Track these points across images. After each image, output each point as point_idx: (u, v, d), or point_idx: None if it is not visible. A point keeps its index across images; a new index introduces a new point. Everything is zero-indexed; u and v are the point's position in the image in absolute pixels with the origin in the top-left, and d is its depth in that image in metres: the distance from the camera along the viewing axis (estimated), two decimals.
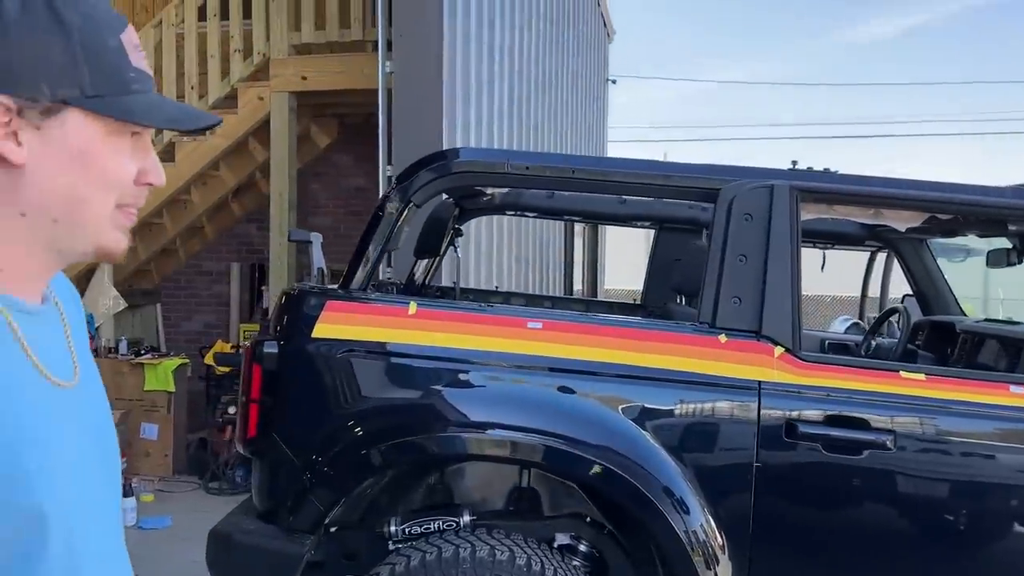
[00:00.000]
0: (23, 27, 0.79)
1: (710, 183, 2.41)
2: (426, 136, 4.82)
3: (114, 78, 0.82)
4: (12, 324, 0.81)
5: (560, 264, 8.48)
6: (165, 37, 6.43)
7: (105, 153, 0.83)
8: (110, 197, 0.84)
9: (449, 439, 2.31)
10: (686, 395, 2.30)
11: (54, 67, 0.80)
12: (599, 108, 11.64)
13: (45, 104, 0.80)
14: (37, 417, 0.80)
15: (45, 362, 0.84)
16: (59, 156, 0.81)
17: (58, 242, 0.84)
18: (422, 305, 2.40)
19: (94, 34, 0.82)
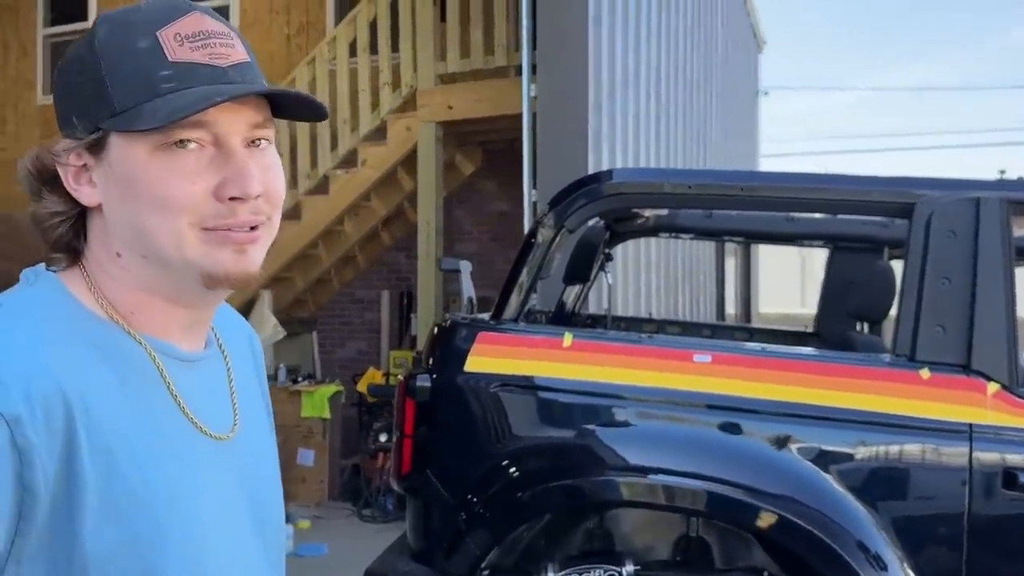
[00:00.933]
0: (68, 64, 0.77)
1: (904, 197, 2.14)
2: (572, 159, 4.70)
3: (140, 84, 0.71)
4: (162, 371, 0.76)
5: (711, 287, 8.12)
6: (319, 74, 6.66)
7: (151, 174, 0.72)
8: (176, 222, 0.73)
9: (606, 484, 2.14)
10: (880, 438, 2.02)
11: (85, 96, 0.74)
12: (750, 121, 11.18)
13: (87, 139, 0.74)
14: (183, 472, 0.75)
15: (198, 412, 0.79)
16: (116, 188, 0.74)
17: (163, 278, 0.76)
18: (578, 337, 2.25)
19: (119, 41, 0.73)
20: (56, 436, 0.67)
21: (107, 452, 0.70)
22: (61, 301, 0.76)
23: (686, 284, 7.32)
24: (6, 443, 0.65)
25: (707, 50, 8.32)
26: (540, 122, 4.91)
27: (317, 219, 6.70)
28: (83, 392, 0.70)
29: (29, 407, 0.66)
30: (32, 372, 0.68)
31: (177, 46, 0.72)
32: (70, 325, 0.74)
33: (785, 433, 2.10)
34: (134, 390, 0.74)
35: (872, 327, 3.19)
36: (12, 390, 0.66)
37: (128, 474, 0.70)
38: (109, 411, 0.71)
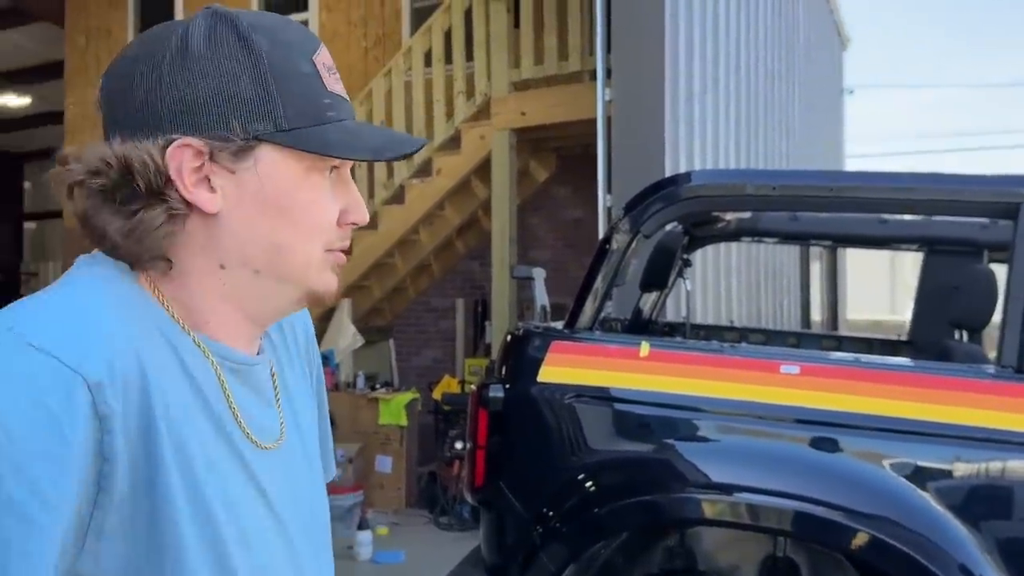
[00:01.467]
0: (212, 61, 0.71)
1: (1008, 196, 1.98)
2: (648, 163, 4.60)
3: (309, 107, 0.72)
4: (220, 376, 0.75)
5: (795, 293, 7.85)
6: (394, 85, 6.73)
7: (304, 193, 0.73)
8: (315, 244, 0.75)
9: (687, 501, 2.04)
10: (985, 455, 1.87)
11: (245, 101, 0.71)
12: (835, 121, 10.81)
13: (237, 144, 0.71)
14: (236, 482, 0.74)
15: (249, 421, 0.77)
16: (255, 201, 0.72)
17: (264, 294, 0.76)
18: (655, 346, 2.16)
19: (285, 59, 0.72)
20: (133, 410, 0.65)
21: (182, 443, 0.68)
22: (130, 284, 0.73)
23: (769, 290, 7.09)
24: (88, 408, 0.62)
25: (789, 48, 8.07)
26: (615, 126, 4.83)
27: (393, 228, 6.76)
28: (161, 378, 0.68)
29: (111, 375, 0.64)
30: (114, 341, 0.66)
31: (327, 75, 0.74)
32: (144, 310, 0.71)
33: (880, 449, 1.97)
34: (202, 391, 0.73)
35: (972, 335, 2.99)
36: (93, 356, 0.63)
37: (199, 470, 0.69)
38: (182, 405, 0.70)
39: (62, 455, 0.61)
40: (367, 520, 5.14)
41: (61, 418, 0.61)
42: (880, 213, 2.72)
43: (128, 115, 0.71)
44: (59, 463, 0.61)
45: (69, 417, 0.61)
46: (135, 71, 0.72)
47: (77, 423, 0.62)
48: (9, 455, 0.59)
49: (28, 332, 0.63)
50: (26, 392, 0.61)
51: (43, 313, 0.66)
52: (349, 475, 5.66)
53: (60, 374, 0.62)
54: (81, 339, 0.64)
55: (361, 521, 5.01)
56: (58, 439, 0.61)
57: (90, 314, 0.67)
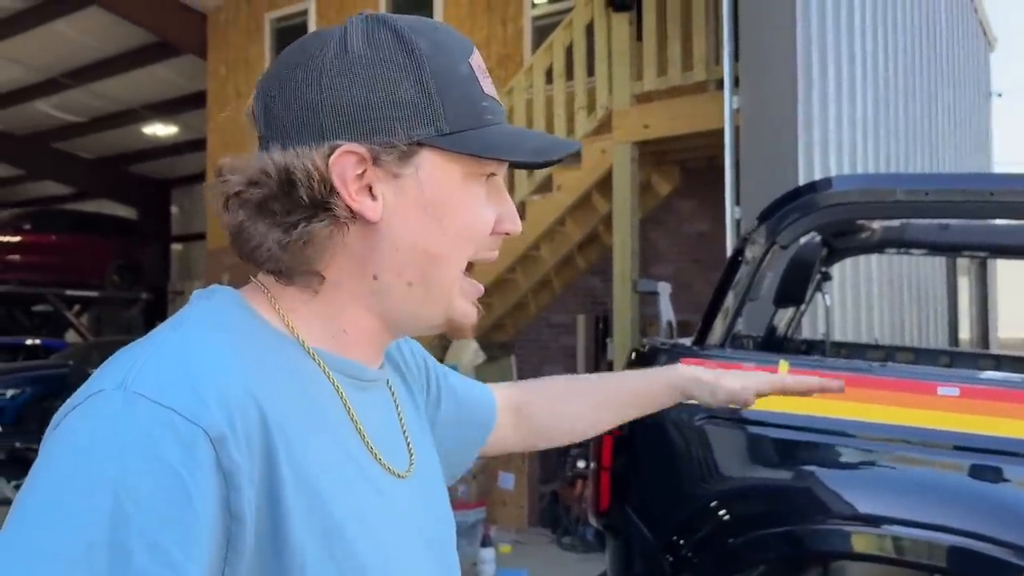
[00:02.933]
0: (373, 64, 0.68)
1: None
2: (779, 172, 4.39)
3: (468, 110, 0.70)
4: (343, 396, 0.71)
5: (942, 309, 7.34)
6: (516, 102, 6.75)
7: (462, 200, 0.71)
8: (467, 252, 0.72)
9: (830, 533, 1.88)
10: None
11: (407, 105, 0.68)
12: (982, 125, 10.10)
13: (401, 149, 0.68)
14: (368, 513, 0.68)
15: (377, 443, 0.72)
16: (415, 208, 0.70)
17: (410, 309, 0.73)
18: (794, 364, 2.01)
19: (444, 62, 0.70)
20: (256, 460, 0.61)
21: (309, 483, 0.64)
22: (242, 315, 0.70)
23: (913, 305, 6.65)
24: (212, 465, 0.58)
25: (929, 49, 7.60)
26: (744, 136, 4.65)
27: (515, 244, 6.76)
28: (279, 411, 0.64)
29: (231, 426, 0.60)
30: (229, 386, 0.61)
31: (483, 78, 0.72)
32: (259, 341, 0.68)
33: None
34: (324, 413, 0.69)
35: None
36: (213, 408, 0.59)
37: (331, 505, 0.64)
38: (304, 433, 0.65)
39: (189, 518, 0.57)
40: (490, 538, 5.11)
41: (183, 476, 0.57)
42: None
43: (287, 122, 0.69)
44: (186, 528, 0.57)
45: (191, 473, 0.57)
46: (294, 76, 0.69)
47: (201, 479, 0.58)
48: (136, 523, 0.55)
49: (140, 385, 0.59)
50: (144, 450, 0.57)
51: (154, 363, 0.61)
52: (472, 491, 5.66)
53: (179, 428, 0.58)
54: (197, 389, 0.60)
55: (484, 538, 4.99)
56: (183, 499, 0.57)
57: (204, 361, 0.62)
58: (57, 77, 11.25)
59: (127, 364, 0.62)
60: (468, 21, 8.52)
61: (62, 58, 10.80)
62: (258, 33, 9.89)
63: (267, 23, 9.82)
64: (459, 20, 8.57)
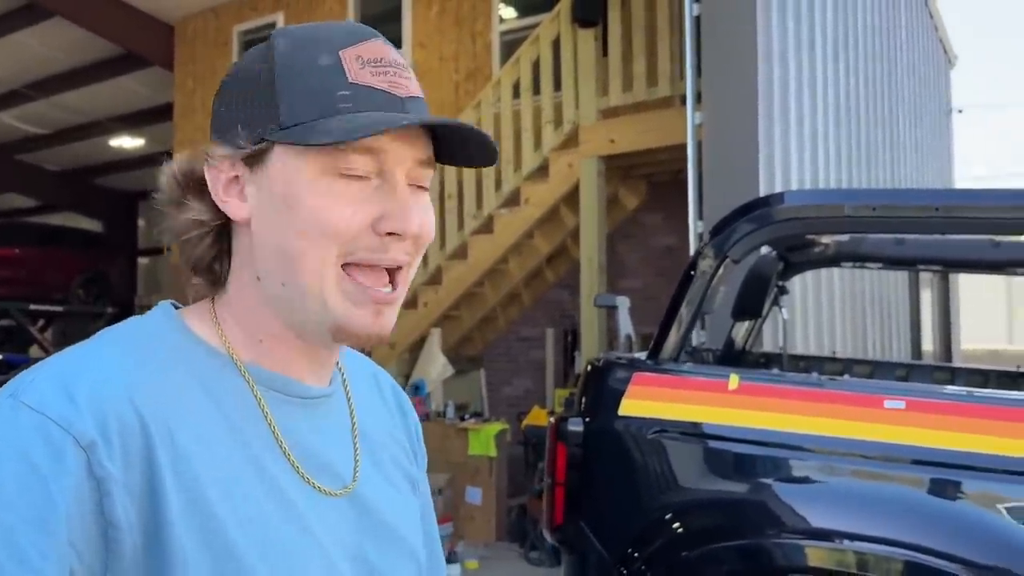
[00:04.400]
0: (239, 71, 0.72)
1: None
2: (741, 187, 4.43)
3: (316, 101, 0.68)
4: (265, 409, 0.71)
5: (905, 322, 7.44)
6: (484, 116, 6.77)
7: (314, 196, 0.68)
8: (326, 249, 0.68)
9: (786, 548, 1.89)
10: None
11: (248, 103, 0.70)
12: (943, 141, 10.30)
13: (249, 148, 0.69)
14: (282, 522, 0.68)
15: (307, 459, 0.72)
16: (269, 205, 0.70)
17: (295, 313, 0.71)
18: (745, 378, 2.03)
19: (302, 56, 0.69)
20: (134, 468, 0.62)
21: (199, 496, 0.64)
22: (168, 328, 0.72)
23: (876, 319, 6.73)
24: (83, 471, 0.60)
25: (891, 66, 7.73)
26: (706, 150, 4.70)
27: (483, 258, 6.77)
28: (170, 421, 0.65)
29: (104, 433, 0.62)
30: (107, 396, 0.63)
31: (358, 68, 0.69)
32: (170, 353, 0.70)
33: (1000, 493, 1.77)
34: (236, 426, 0.69)
35: None
36: (86, 414, 0.61)
37: (219, 513, 0.65)
38: (202, 443, 0.66)
39: (51, 521, 0.59)
40: (457, 554, 5.08)
41: (48, 479, 0.59)
42: (991, 234, 2.50)
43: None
44: (47, 530, 0.59)
45: (56, 478, 0.59)
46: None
47: (66, 483, 0.59)
48: (4, 520, 0.58)
49: (24, 392, 0.62)
50: (15, 454, 0.59)
51: (44, 374, 0.64)
52: (439, 506, 5.63)
53: (51, 434, 0.60)
54: (74, 398, 0.62)
55: (450, 554, 4.95)
56: (46, 502, 0.59)
57: (88, 372, 0.65)
58: (21, 89, 11.10)
59: (27, 375, 0.65)
60: (437, 35, 8.54)
61: (26, 69, 10.66)
62: (226, 46, 9.84)
63: (235, 36, 9.77)
64: (427, 34, 8.59)
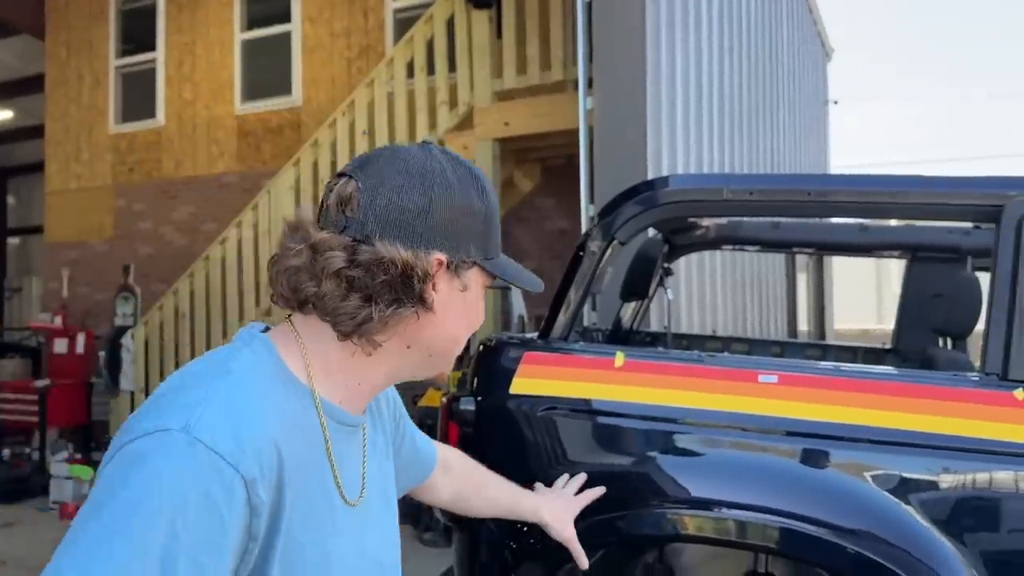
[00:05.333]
0: (464, 199, 0.93)
1: (991, 198, 1.93)
2: (630, 172, 4.55)
3: (494, 247, 0.99)
4: (328, 440, 0.91)
5: (782, 302, 7.81)
6: (377, 95, 6.67)
7: (478, 303, 1.00)
8: (467, 336, 1.00)
9: (661, 518, 1.96)
10: (972, 466, 1.81)
11: (478, 233, 0.95)
12: (820, 131, 10.82)
13: (469, 263, 0.95)
14: (339, 529, 0.90)
15: (344, 476, 0.94)
16: (460, 303, 0.96)
17: (418, 370, 0.98)
18: (630, 356, 2.10)
19: (493, 202, 0.98)
20: (272, 493, 0.82)
21: (293, 504, 0.84)
22: (276, 366, 0.90)
23: (755, 300, 7.04)
24: (243, 501, 0.79)
25: (772, 58, 8.06)
26: (597, 135, 4.78)
27: None
28: (289, 458, 0.84)
29: (261, 470, 0.80)
30: (260, 436, 0.81)
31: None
32: (282, 390, 0.89)
33: (862, 461, 1.90)
34: (315, 459, 0.89)
35: (956, 343, 2.94)
36: (249, 455, 0.79)
37: (300, 537, 0.85)
38: (300, 475, 0.86)
39: (223, 543, 0.77)
40: None
41: (223, 510, 0.77)
42: (860, 218, 2.67)
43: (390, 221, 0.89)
44: (220, 551, 0.77)
45: (229, 509, 0.78)
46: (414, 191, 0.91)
47: (235, 514, 0.78)
48: (184, 543, 0.75)
49: (199, 431, 0.78)
50: (197, 487, 0.76)
51: (210, 412, 0.80)
52: None
53: (224, 472, 0.78)
54: (240, 440, 0.79)
55: None
56: (221, 529, 0.77)
57: (245, 414, 0.82)
58: None
59: (187, 409, 0.80)
60: (328, 10, 8.34)
61: None
62: (103, 15, 9.31)
63: (112, 5, 9.26)
64: (318, 8, 8.37)
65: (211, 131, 8.99)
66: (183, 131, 9.11)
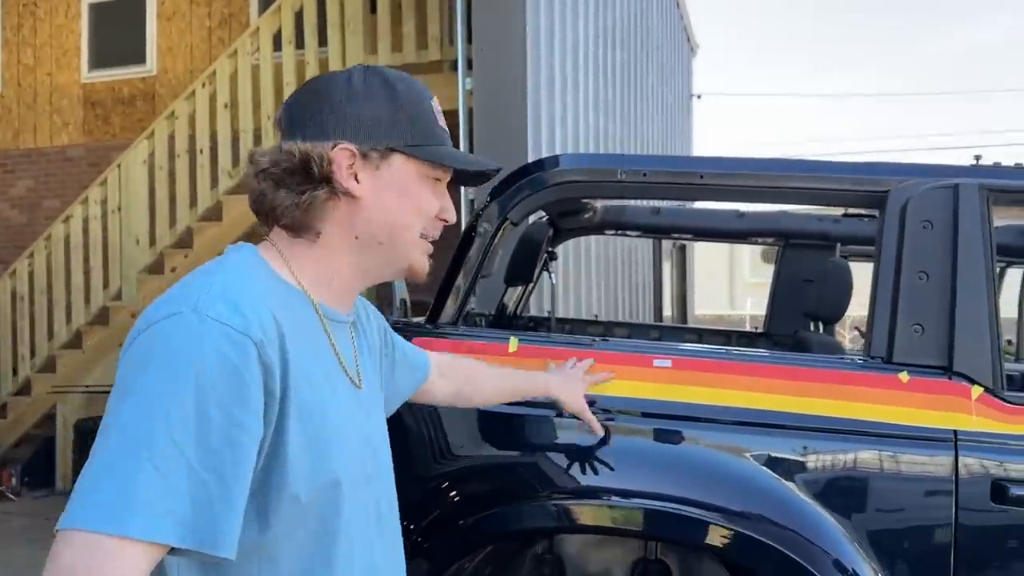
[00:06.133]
0: (368, 96, 1.03)
1: (877, 184, 1.97)
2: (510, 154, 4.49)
3: (426, 132, 1.05)
4: (328, 332, 1.04)
5: (649, 288, 8.01)
6: (240, 67, 6.30)
7: (419, 191, 1.05)
8: (419, 224, 1.06)
9: (547, 510, 1.91)
10: (856, 447, 1.85)
11: (386, 123, 1.03)
12: (685, 124, 11.17)
13: (381, 150, 1.03)
14: (339, 405, 1.02)
15: (348, 366, 1.07)
16: (388, 191, 1.04)
17: (379, 261, 1.07)
18: (524, 341, 2.02)
19: (414, 100, 1.05)
20: (278, 357, 0.92)
21: (301, 377, 0.95)
22: (264, 265, 1.03)
23: (625, 285, 7.17)
24: (256, 360, 0.90)
25: (643, 50, 8.22)
26: (477, 117, 4.69)
27: (240, 219, 6.29)
28: (289, 333, 0.95)
29: (266, 335, 0.91)
30: (261, 310, 0.93)
31: (438, 115, 1.09)
32: (273, 284, 1.01)
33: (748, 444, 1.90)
34: (310, 339, 1.00)
35: (826, 327, 3.05)
36: (254, 323, 0.91)
37: (306, 394, 0.96)
38: (301, 351, 0.96)
39: (246, 394, 0.89)
40: None
41: (240, 368, 0.89)
42: (750, 202, 2.70)
43: (306, 125, 1.03)
44: (245, 400, 0.89)
45: (246, 366, 0.89)
46: (317, 99, 1.04)
47: (251, 369, 0.90)
48: (212, 399, 0.87)
49: (208, 309, 0.90)
50: (215, 353, 0.88)
51: (213, 294, 0.92)
52: None
53: (235, 338, 0.89)
54: (244, 312, 0.91)
55: None
56: (241, 383, 0.89)
57: (244, 292, 0.94)
58: None
59: (194, 294, 0.92)
60: None
61: None
62: None
63: None
64: None
65: (54, 100, 8.28)
66: (23, 99, 8.36)
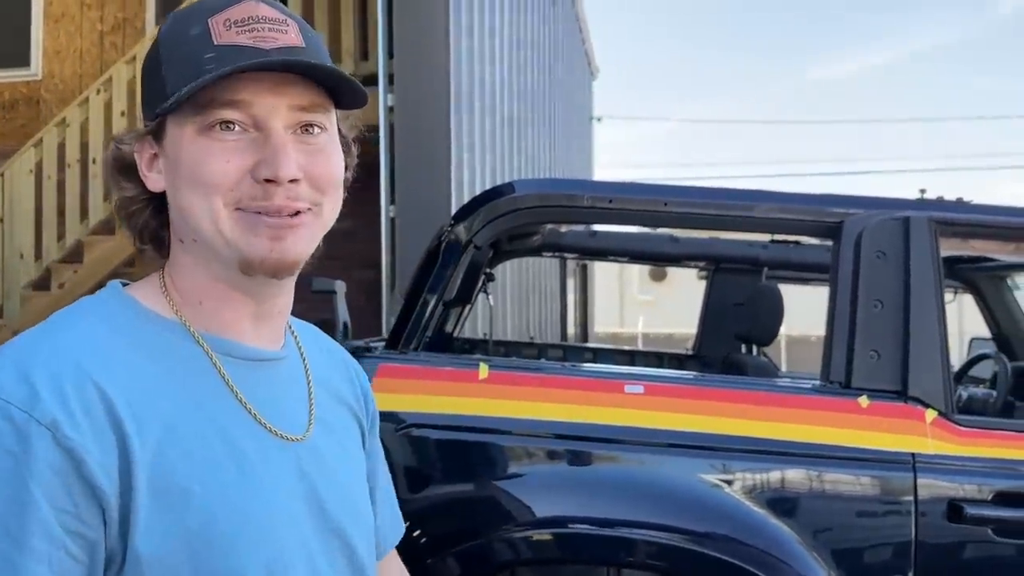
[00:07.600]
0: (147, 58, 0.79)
1: (831, 215, 2.06)
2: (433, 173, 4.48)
3: (188, 69, 0.73)
4: (220, 368, 0.77)
5: (556, 307, 8.11)
6: (139, 74, 5.99)
7: (191, 155, 0.75)
8: (210, 199, 0.74)
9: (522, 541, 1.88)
10: (819, 471, 1.91)
11: (146, 86, 0.78)
12: (585, 146, 11.41)
13: (151, 126, 0.77)
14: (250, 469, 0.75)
15: (265, 409, 0.78)
16: (168, 172, 0.77)
17: (209, 261, 0.77)
18: (495, 367, 1.99)
19: (179, 29, 0.76)
20: (104, 432, 0.68)
21: (156, 444, 0.70)
22: (115, 305, 0.78)
23: (535, 304, 7.23)
24: (51, 447, 0.66)
25: (549, 73, 8.35)
26: (399, 134, 4.63)
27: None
28: (123, 386, 0.70)
29: (65, 408, 0.67)
30: (61, 372, 0.69)
31: (224, 31, 0.74)
32: (115, 327, 0.75)
33: (721, 469, 1.94)
34: (183, 385, 0.75)
35: (758, 350, 3.16)
36: (43, 395, 0.67)
37: (177, 467, 0.70)
38: (154, 404, 0.71)
39: (24, 496, 0.65)
40: None
41: (20, 459, 0.65)
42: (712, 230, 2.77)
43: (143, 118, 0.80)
44: (21, 504, 0.65)
45: (27, 457, 0.65)
46: None
47: (37, 461, 0.65)
48: None
49: None
50: None
51: (6, 359, 0.71)
52: None
53: (15, 418, 0.66)
54: (31, 382, 0.68)
55: None
56: (19, 481, 0.65)
57: (42, 355, 0.70)
58: None
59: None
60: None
61: None
62: None
63: None
64: None
65: None
66: None
